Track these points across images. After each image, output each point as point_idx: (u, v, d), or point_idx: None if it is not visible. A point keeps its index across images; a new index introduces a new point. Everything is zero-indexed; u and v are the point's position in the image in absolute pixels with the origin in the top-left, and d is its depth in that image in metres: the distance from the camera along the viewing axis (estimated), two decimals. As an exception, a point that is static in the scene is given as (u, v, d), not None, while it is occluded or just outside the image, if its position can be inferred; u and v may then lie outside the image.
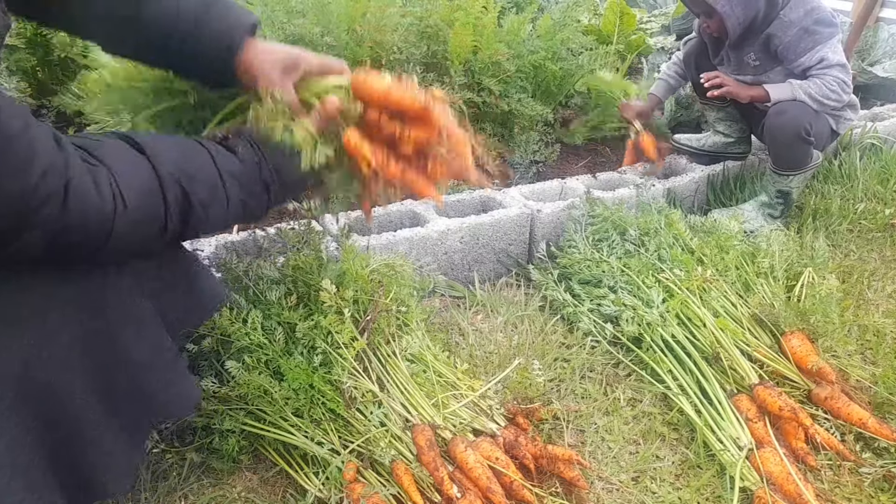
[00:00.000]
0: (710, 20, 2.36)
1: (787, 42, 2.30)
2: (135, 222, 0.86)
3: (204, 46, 1.06)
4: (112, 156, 0.86)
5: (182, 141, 1.01)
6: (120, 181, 0.84)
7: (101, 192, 0.81)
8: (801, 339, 1.66)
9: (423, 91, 1.03)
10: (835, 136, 2.53)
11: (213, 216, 0.99)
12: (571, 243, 2.06)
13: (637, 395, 1.63)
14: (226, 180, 0.99)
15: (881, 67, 3.96)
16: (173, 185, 0.91)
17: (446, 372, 1.50)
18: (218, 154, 1.00)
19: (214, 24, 1.06)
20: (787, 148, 2.39)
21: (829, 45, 2.26)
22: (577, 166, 2.80)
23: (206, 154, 0.99)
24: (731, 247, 2.01)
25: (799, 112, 2.29)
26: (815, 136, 2.34)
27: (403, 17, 2.29)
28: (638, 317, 1.76)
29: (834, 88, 2.27)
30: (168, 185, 0.90)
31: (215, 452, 1.35)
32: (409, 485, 1.25)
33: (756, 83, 2.41)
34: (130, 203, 0.84)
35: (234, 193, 1.00)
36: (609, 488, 1.37)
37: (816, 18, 2.27)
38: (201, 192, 0.95)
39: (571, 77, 2.89)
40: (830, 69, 2.26)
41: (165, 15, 1.04)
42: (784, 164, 2.43)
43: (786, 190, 2.45)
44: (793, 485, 1.29)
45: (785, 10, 2.30)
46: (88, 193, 0.80)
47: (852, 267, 2.24)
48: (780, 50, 2.33)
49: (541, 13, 3.14)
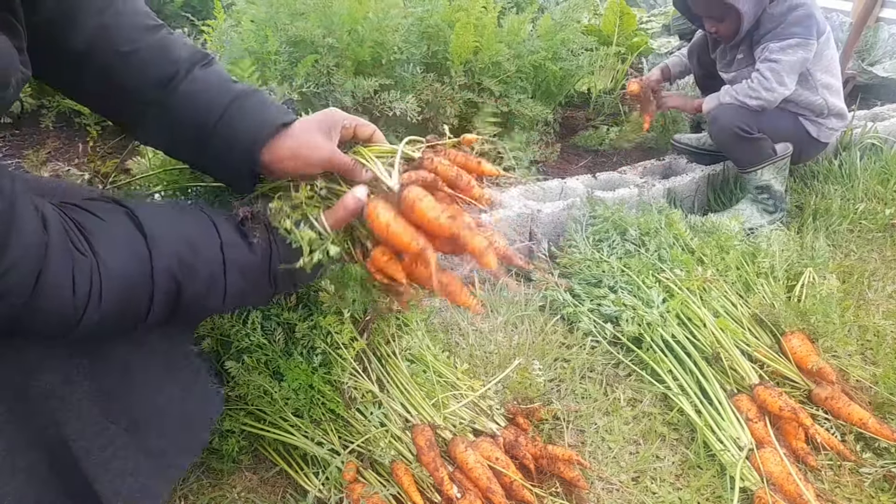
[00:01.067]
0: (721, 24, 2.36)
1: (761, 33, 2.33)
2: (108, 317, 0.82)
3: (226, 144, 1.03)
4: (107, 242, 0.82)
5: (195, 222, 0.96)
6: (104, 275, 0.80)
7: (77, 287, 0.77)
8: (801, 340, 1.65)
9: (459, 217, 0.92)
10: (817, 143, 2.53)
11: (206, 307, 0.96)
12: (572, 243, 2.06)
13: (637, 395, 1.63)
14: (229, 272, 0.94)
15: (881, 67, 3.96)
16: (166, 281, 0.87)
17: (446, 372, 1.50)
18: (229, 242, 0.96)
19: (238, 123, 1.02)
20: (732, 149, 2.45)
21: (783, 44, 2.26)
22: (577, 166, 2.79)
23: (216, 241, 0.94)
24: (732, 247, 2.01)
25: (729, 115, 2.35)
26: (765, 131, 2.36)
27: (405, 18, 2.29)
28: (638, 317, 1.76)
29: (754, 87, 2.30)
30: (160, 280, 0.86)
31: (215, 452, 1.35)
32: (409, 485, 1.25)
33: (738, 79, 2.43)
34: (107, 300, 0.80)
35: (236, 285, 0.96)
36: (609, 488, 1.37)
37: (794, 16, 2.28)
38: (198, 285, 0.91)
39: (571, 77, 2.89)
40: (764, 63, 2.28)
41: (192, 109, 1.03)
42: (741, 162, 2.47)
43: (763, 184, 2.45)
44: (793, 485, 1.29)
45: (773, 3, 2.32)
46: (61, 287, 0.76)
47: (852, 267, 2.24)
48: (755, 40, 2.37)
49: (541, 13, 3.14)
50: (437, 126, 2.41)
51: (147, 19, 1.04)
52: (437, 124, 2.42)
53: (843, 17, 4.18)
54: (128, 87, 1.02)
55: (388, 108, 2.15)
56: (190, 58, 1.04)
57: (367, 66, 2.25)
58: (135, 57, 1.01)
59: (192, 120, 1.03)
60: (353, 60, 2.20)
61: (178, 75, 1.02)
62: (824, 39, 2.36)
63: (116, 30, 1.00)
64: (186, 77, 1.03)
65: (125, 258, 0.84)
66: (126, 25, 1.01)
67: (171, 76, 1.02)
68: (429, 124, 2.40)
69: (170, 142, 1.10)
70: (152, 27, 1.04)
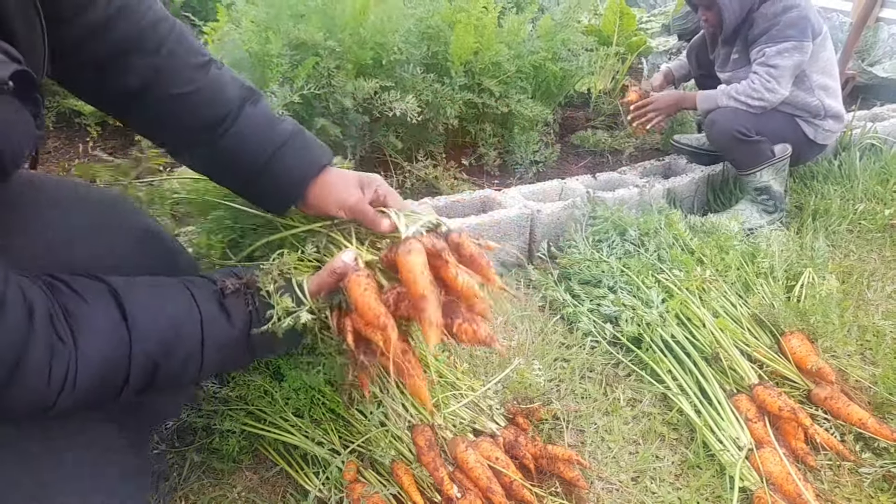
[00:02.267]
0: (710, 11, 2.38)
1: (755, 34, 2.33)
2: (81, 400, 0.83)
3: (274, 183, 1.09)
4: (88, 329, 0.84)
5: (177, 300, 0.96)
6: (81, 364, 0.82)
7: (53, 377, 0.79)
8: (800, 340, 1.66)
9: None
10: (814, 145, 2.53)
11: (180, 382, 0.97)
12: (572, 243, 2.06)
13: (637, 395, 1.63)
14: (206, 351, 0.96)
15: (881, 67, 3.96)
16: (142, 365, 0.88)
17: (446, 372, 1.50)
18: (209, 319, 0.96)
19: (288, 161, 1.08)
20: (731, 151, 2.45)
21: (779, 47, 2.26)
22: (577, 166, 2.80)
23: (197, 318, 0.95)
24: (731, 247, 2.02)
25: (728, 118, 2.34)
26: (763, 133, 2.36)
27: (406, 20, 2.29)
28: (638, 317, 1.76)
29: (755, 87, 2.29)
30: (137, 362, 0.88)
31: (216, 452, 1.36)
32: (409, 485, 1.25)
33: (734, 79, 2.43)
34: (81, 388, 0.82)
35: (213, 361, 0.97)
36: (609, 488, 1.37)
37: (788, 18, 2.27)
38: (174, 365, 0.93)
39: (571, 77, 2.89)
40: (762, 66, 2.28)
41: (242, 150, 1.07)
42: (740, 165, 2.47)
43: (762, 186, 2.45)
44: (792, 485, 1.30)
45: (767, 3, 2.32)
46: (37, 377, 0.78)
47: (852, 267, 2.24)
48: (749, 40, 2.36)
49: (541, 13, 3.14)
50: (437, 126, 2.42)
51: (198, 57, 1.07)
52: (436, 125, 2.42)
53: (843, 17, 4.19)
54: (178, 126, 1.05)
55: (388, 109, 2.16)
56: (239, 97, 1.08)
57: (368, 67, 2.25)
58: (187, 99, 1.04)
59: (240, 161, 1.08)
60: (354, 63, 2.20)
61: (228, 117, 1.06)
62: (820, 41, 2.35)
63: (169, 72, 1.02)
64: (236, 120, 1.06)
65: (104, 344, 0.85)
66: (179, 67, 1.04)
67: (222, 118, 1.06)
68: (429, 125, 2.41)
69: (217, 175, 1.15)
70: (203, 65, 1.06)
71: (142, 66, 1.00)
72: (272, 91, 1.99)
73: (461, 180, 2.43)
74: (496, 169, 2.62)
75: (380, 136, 2.33)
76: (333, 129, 2.14)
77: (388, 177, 2.34)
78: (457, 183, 2.37)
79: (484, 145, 2.61)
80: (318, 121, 2.11)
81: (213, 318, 0.97)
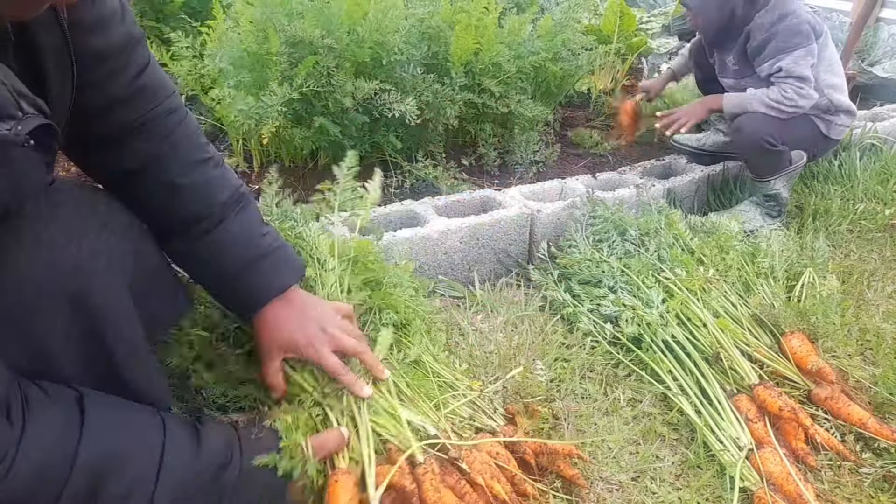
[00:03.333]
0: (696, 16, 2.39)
1: (756, 46, 2.31)
2: (11, 494, 0.78)
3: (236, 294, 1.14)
4: (40, 420, 0.80)
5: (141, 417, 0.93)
6: (21, 449, 0.78)
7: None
8: (801, 340, 1.66)
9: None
10: (829, 140, 2.52)
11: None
12: (572, 243, 2.06)
13: (637, 395, 1.63)
14: (160, 483, 0.88)
15: (881, 67, 3.96)
16: (85, 472, 0.82)
17: (446, 374, 1.50)
18: (173, 447, 0.91)
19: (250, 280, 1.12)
20: (755, 159, 2.41)
21: (793, 56, 2.25)
22: (577, 166, 2.80)
23: (159, 443, 0.90)
24: (732, 247, 2.01)
25: (756, 125, 2.30)
26: (787, 141, 2.34)
27: (405, 20, 2.29)
28: (638, 317, 1.76)
29: (789, 95, 2.26)
30: (79, 470, 0.82)
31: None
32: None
33: (737, 87, 2.42)
34: (16, 475, 0.77)
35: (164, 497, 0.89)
36: (609, 488, 1.37)
37: (787, 26, 2.26)
38: (120, 486, 0.85)
39: (571, 77, 2.89)
40: (786, 80, 2.26)
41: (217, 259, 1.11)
42: (758, 172, 2.44)
43: (772, 193, 2.45)
44: (793, 485, 1.30)
45: (761, 13, 2.30)
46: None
47: (852, 267, 2.24)
48: (750, 53, 2.35)
49: (542, 14, 3.14)
50: (437, 126, 2.42)
51: (200, 152, 1.09)
52: (436, 125, 2.42)
53: (843, 17, 4.18)
54: (161, 213, 1.07)
55: (387, 110, 2.16)
56: (227, 202, 1.10)
57: (368, 66, 2.25)
58: (177, 191, 1.06)
59: (211, 267, 1.12)
60: (353, 62, 2.20)
61: (211, 219, 1.08)
62: (822, 40, 2.35)
63: (169, 161, 1.05)
64: (217, 227, 1.09)
65: (50, 439, 0.81)
66: (180, 159, 1.06)
67: (204, 218, 1.08)
68: (429, 125, 2.41)
69: (194, 275, 1.17)
70: (202, 161, 1.09)
71: (143, 151, 1.02)
72: (272, 90, 1.98)
73: (461, 180, 2.42)
74: (496, 169, 2.62)
75: (380, 135, 2.33)
76: (333, 129, 2.14)
77: (388, 177, 2.34)
78: (457, 183, 2.37)
79: (484, 145, 2.60)
80: (318, 120, 2.11)
81: (179, 446, 0.92)
